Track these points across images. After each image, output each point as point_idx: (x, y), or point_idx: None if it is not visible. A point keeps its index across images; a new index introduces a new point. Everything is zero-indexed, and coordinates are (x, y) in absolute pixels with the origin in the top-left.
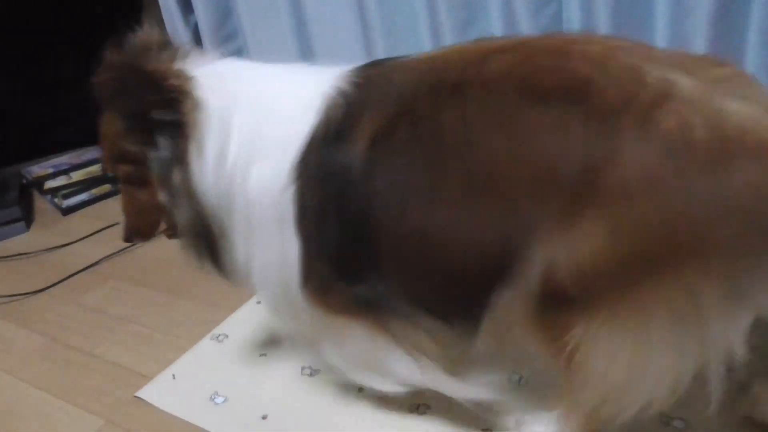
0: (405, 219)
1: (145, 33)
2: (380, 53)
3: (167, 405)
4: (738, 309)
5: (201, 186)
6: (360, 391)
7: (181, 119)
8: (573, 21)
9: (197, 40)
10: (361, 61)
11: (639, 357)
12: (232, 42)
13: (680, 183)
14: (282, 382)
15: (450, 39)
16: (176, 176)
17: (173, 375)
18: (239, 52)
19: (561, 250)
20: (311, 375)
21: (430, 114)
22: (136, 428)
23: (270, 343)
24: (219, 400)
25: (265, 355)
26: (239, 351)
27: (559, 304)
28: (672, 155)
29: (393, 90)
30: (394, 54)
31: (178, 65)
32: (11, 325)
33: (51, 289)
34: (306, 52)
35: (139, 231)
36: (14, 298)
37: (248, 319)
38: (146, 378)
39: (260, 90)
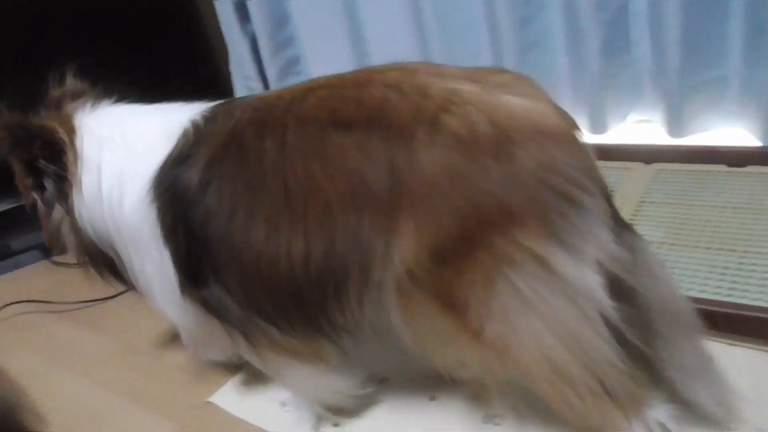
0: (231, 232)
1: (65, 85)
2: (436, 55)
3: (238, 410)
4: (571, 252)
5: (82, 220)
6: (431, 400)
7: (63, 168)
8: (640, 14)
9: (254, 48)
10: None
11: (533, 315)
12: (288, 49)
13: (476, 170)
14: (351, 389)
15: (508, 37)
16: (57, 213)
17: (244, 382)
18: (296, 59)
19: (400, 250)
20: (379, 383)
21: (255, 143)
22: None
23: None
24: (289, 408)
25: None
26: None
27: (437, 295)
28: (463, 150)
29: (230, 123)
30: (450, 55)
31: (74, 116)
32: (85, 331)
33: (121, 295)
34: (361, 55)
35: (53, 246)
36: (87, 304)
37: None
38: (216, 383)
39: (126, 132)
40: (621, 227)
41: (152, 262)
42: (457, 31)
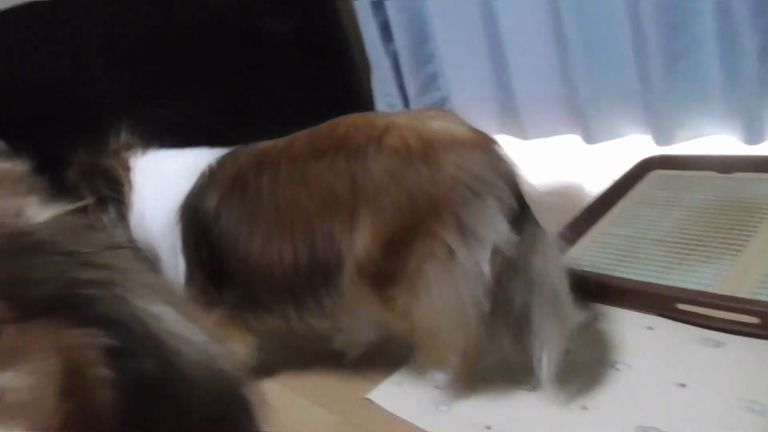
0: (238, 246)
1: (120, 140)
2: (578, 68)
3: (394, 408)
4: (471, 238)
5: (134, 234)
6: (584, 409)
7: (120, 195)
8: None
9: (396, 66)
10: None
11: (432, 293)
12: (428, 65)
13: (410, 172)
14: (505, 394)
15: (654, 46)
16: (119, 230)
17: (399, 382)
18: (435, 76)
19: (357, 240)
20: (533, 389)
21: (254, 181)
22: (367, 427)
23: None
24: (443, 408)
25: (486, 369)
26: None
27: (377, 277)
28: (400, 158)
29: (235, 168)
30: (592, 68)
31: (130, 159)
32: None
33: None
34: (500, 70)
35: None
36: None
37: None
38: (373, 381)
39: (163, 168)
40: (525, 217)
41: (171, 265)
42: (600, 43)
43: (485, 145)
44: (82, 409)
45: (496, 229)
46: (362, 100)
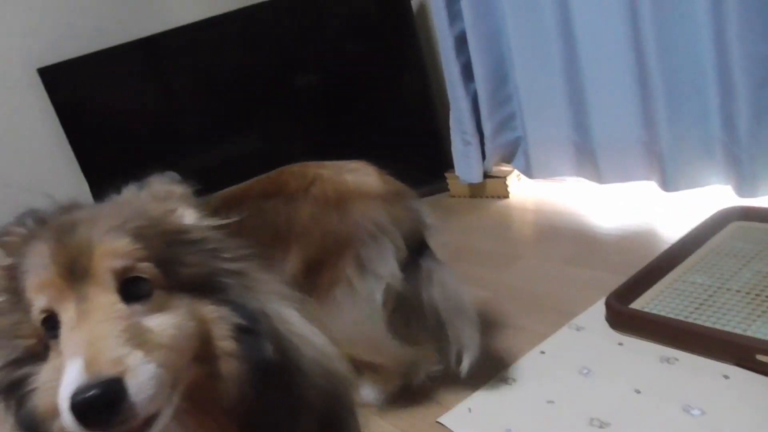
0: None
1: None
2: (660, 115)
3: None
4: (367, 273)
5: None
6: None
7: None
8: None
9: (474, 105)
10: None
11: (342, 314)
12: (506, 106)
13: (326, 218)
14: (573, 427)
15: (742, 99)
16: None
17: (469, 408)
18: (512, 116)
19: (291, 262)
20: (600, 427)
21: (225, 213)
22: None
23: (558, 391)
24: None
25: (552, 402)
26: (528, 395)
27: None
28: (319, 205)
29: (211, 207)
30: (676, 118)
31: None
32: None
33: None
34: (579, 113)
35: None
36: None
37: (536, 366)
38: (444, 406)
39: None
40: (423, 255)
41: None
42: (685, 91)
43: (390, 197)
44: (210, 375)
45: (387, 267)
46: (438, 137)
